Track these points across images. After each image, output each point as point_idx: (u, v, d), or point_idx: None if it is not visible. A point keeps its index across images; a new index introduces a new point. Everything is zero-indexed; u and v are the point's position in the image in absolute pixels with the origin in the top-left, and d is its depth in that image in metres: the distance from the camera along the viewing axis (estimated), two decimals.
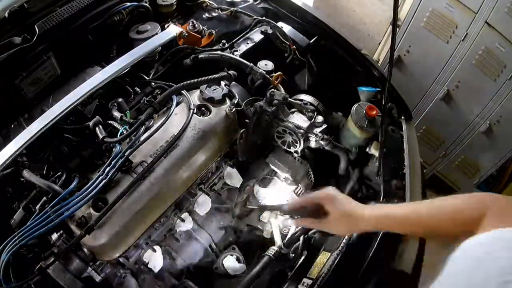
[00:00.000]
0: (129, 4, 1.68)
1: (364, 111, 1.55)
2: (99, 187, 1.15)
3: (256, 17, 1.91)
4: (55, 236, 1.13)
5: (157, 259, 1.33)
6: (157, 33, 1.60)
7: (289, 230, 1.47)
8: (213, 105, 1.44)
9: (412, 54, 2.76)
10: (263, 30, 1.86)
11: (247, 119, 1.47)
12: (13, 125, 1.39)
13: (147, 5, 1.74)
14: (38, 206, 1.14)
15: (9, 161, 1.16)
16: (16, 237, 1.08)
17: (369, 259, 1.24)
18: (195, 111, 1.38)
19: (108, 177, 1.17)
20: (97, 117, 1.30)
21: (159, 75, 1.59)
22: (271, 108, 1.44)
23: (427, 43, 2.63)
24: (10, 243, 1.08)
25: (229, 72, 1.53)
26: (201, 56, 1.65)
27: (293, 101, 1.53)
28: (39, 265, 1.10)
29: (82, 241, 1.14)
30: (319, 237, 1.48)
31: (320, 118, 1.52)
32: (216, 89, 1.47)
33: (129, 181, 1.19)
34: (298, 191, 1.55)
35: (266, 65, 1.67)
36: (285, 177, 1.55)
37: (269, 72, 1.61)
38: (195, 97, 1.45)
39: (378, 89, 1.70)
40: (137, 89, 1.49)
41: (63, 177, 1.23)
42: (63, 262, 1.14)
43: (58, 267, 1.13)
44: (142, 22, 1.69)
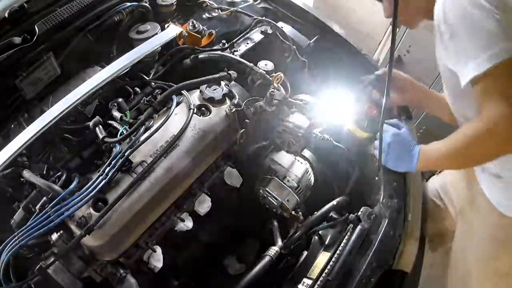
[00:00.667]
0: (129, 4, 1.67)
1: (364, 111, 1.55)
2: (99, 187, 1.15)
3: (256, 17, 1.91)
4: (55, 236, 1.13)
5: (157, 259, 1.33)
6: (157, 33, 1.60)
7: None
8: (213, 105, 1.44)
9: (412, 54, 2.76)
10: (263, 30, 1.86)
11: (247, 119, 1.47)
12: (13, 125, 1.39)
13: (147, 5, 1.74)
14: (38, 206, 1.14)
15: (9, 161, 1.16)
16: (16, 237, 1.08)
17: (369, 259, 1.25)
18: (195, 111, 1.38)
19: (108, 177, 1.17)
20: (97, 117, 1.30)
21: (159, 75, 1.59)
22: (271, 108, 1.44)
23: (427, 43, 2.62)
24: (10, 243, 1.08)
25: (229, 72, 1.53)
26: (201, 56, 1.65)
27: (293, 101, 1.53)
28: (39, 265, 1.10)
29: (82, 241, 1.13)
30: (319, 237, 1.49)
31: (320, 118, 1.51)
32: (216, 89, 1.48)
33: (129, 181, 1.19)
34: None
35: (266, 65, 1.67)
36: (285, 177, 1.55)
37: (269, 72, 1.61)
38: (195, 97, 1.45)
39: None
40: (137, 89, 1.49)
41: (63, 177, 1.23)
42: (63, 262, 1.14)
43: (58, 267, 1.13)
44: (142, 22, 1.69)
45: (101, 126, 1.28)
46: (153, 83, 1.52)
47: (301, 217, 1.56)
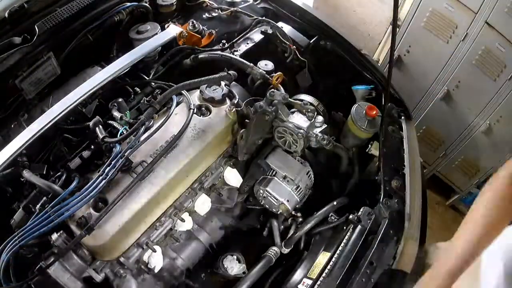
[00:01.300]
0: (129, 4, 1.68)
1: (364, 111, 1.55)
2: (99, 187, 1.15)
3: (256, 17, 1.91)
4: (55, 236, 1.13)
5: (157, 259, 1.33)
6: (157, 33, 1.60)
7: None
8: (213, 105, 1.44)
9: (412, 54, 2.76)
10: (263, 30, 1.86)
11: (247, 119, 1.47)
12: (13, 125, 1.39)
13: (147, 5, 1.74)
14: (38, 206, 1.14)
15: (9, 161, 1.16)
16: (16, 237, 1.08)
17: (369, 259, 1.25)
18: (195, 111, 1.38)
19: (108, 177, 1.17)
20: (97, 117, 1.30)
21: (159, 75, 1.59)
22: (271, 108, 1.44)
23: (427, 43, 2.63)
24: (10, 243, 1.08)
25: (229, 72, 1.53)
26: (201, 56, 1.65)
27: (293, 101, 1.53)
28: (39, 265, 1.10)
29: (82, 241, 1.14)
30: (319, 237, 1.49)
31: (320, 118, 1.51)
32: (216, 89, 1.47)
33: (129, 181, 1.19)
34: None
35: (266, 65, 1.67)
36: (285, 177, 1.55)
37: (269, 72, 1.61)
38: (195, 97, 1.45)
39: (372, 86, 1.70)
40: (137, 89, 1.49)
41: (63, 177, 1.23)
42: (63, 262, 1.14)
43: (58, 267, 1.13)
44: (142, 22, 1.69)
45: (101, 126, 1.28)
46: (153, 83, 1.52)
47: (301, 217, 1.56)
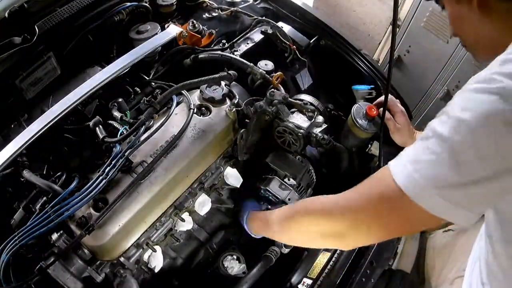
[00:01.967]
0: (129, 4, 1.67)
1: (364, 111, 1.55)
2: (99, 187, 1.15)
3: (256, 17, 1.91)
4: (55, 236, 1.12)
5: (157, 259, 1.33)
6: (157, 33, 1.60)
7: None
8: (213, 105, 1.44)
9: (412, 54, 2.76)
10: (263, 30, 1.86)
11: (247, 119, 1.47)
12: (13, 125, 1.39)
13: (147, 5, 1.74)
14: (38, 206, 1.14)
15: (9, 161, 1.16)
16: (16, 237, 1.08)
17: (369, 259, 1.25)
18: (195, 111, 1.38)
19: (108, 177, 1.17)
20: (97, 117, 1.29)
21: (159, 75, 1.59)
22: (271, 108, 1.44)
23: (427, 43, 2.63)
24: (10, 243, 1.08)
25: (229, 72, 1.53)
26: (201, 56, 1.65)
27: (293, 101, 1.53)
28: (39, 265, 1.10)
29: (82, 241, 1.14)
30: None
31: (320, 118, 1.51)
32: (216, 89, 1.48)
33: (129, 181, 1.19)
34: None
35: (266, 65, 1.67)
36: (286, 177, 1.55)
37: (269, 72, 1.61)
38: (195, 97, 1.45)
39: (372, 86, 1.70)
40: (137, 89, 1.49)
41: (63, 177, 1.23)
42: (63, 262, 1.14)
43: (58, 267, 1.13)
44: (142, 22, 1.69)
45: (101, 126, 1.28)
46: (153, 83, 1.52)
47: None
